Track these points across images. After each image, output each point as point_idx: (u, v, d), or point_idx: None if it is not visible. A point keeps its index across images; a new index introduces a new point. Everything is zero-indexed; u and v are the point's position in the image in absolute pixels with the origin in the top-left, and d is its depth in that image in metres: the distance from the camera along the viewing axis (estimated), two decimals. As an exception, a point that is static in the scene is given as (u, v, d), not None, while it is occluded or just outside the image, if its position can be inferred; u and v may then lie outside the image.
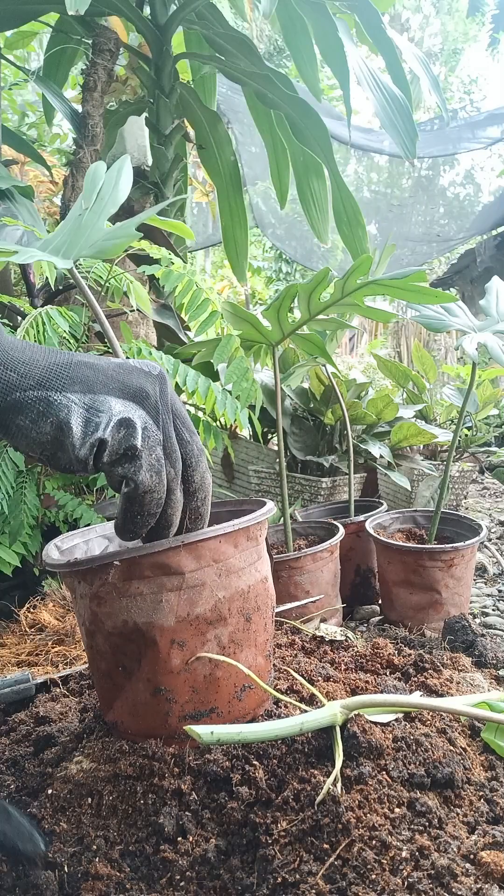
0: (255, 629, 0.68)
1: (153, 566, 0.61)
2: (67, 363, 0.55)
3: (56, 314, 1.25)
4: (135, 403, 0.56)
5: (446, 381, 4.39)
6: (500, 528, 2.58)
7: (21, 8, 1.91)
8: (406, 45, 2.20)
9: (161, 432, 0.57)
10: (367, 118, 7.83)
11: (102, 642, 0.65)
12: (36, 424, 0.53)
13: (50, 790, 0.63)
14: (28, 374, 0.53)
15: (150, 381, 0.57)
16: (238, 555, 0.66)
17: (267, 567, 0.72)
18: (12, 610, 1.26)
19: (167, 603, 0.61)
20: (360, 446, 2.15)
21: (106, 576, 0.61)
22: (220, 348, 1.35)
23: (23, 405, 0.53)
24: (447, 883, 0.50)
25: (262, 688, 0.67)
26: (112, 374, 0.56)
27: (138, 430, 0.55)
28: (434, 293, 1.09)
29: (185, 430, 0.60)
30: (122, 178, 0.82)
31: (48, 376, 0.54)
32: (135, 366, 0.58)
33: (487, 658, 1.04)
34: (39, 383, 0.53)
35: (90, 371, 0.55)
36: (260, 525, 0.69)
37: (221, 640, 0.64)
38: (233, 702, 0.65)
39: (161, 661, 0.62)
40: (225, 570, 0.64)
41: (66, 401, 0.53)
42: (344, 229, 2.20)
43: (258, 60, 1.97)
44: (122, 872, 0.55)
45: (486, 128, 4.43)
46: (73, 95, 2.36)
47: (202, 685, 0.63)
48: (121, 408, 0.55)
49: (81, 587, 0.65)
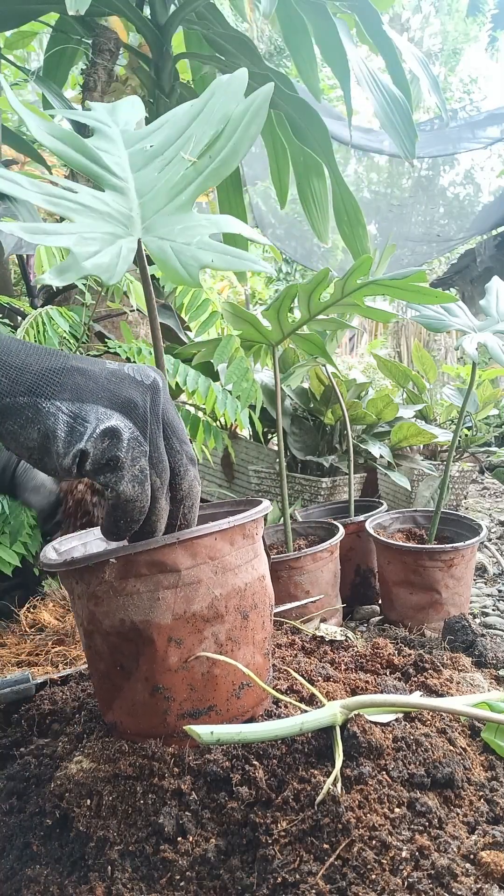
0: (252, 627, 0.68)
1: (149, 564, 0.61)
2: (60, 369, 0.55)
3: (56, 314, 1.25)
4: (122, 414, 0.56)
5: (446, 381, 4.39)
6: (500, 528, 2.58)
7: (21, 8, 1.91)
8: (406, 45, 2.20)
9: (148, 443, 0.57)
10: (367, 118, 7.82)
11: (100, 642, 0.65)
12: (24, 430, 0.54)
13: (49, 790, 0.63)
14: (19, 380, 0.54)
15: (142, 390, 0.58)
16: (234, 552, 0.66)
17: (264, 565, 0.72)
18: (12, 610, 1.26)
19: (164, 601, 0.61)
20: (360, 446, 2.15)
21: (102, 574, 0.61)
22: (221, 348, 1.35)
23: (12, 410, 0.54)
24: (447, 883, 0.50)
25: (260, 686, 0.67)
26: (103, 382, 0.56)
27: (122, 442, 0.55)
28: (434, 293, 1.09)
29: (175, 439, 0.60)
30: (257, 119, 0.65)
31: (39, 383, 0.54)
32: (127, 374, 0.58)
33: (487, 658, 1.04)
34: (30, 389, 0.54)
35: (82, 378, 0.56)
36: (255, 523, 0.69)
37: (219, 637, 0.64)
38: (231, 699, 0.65)
39: (159, 659, 0.62)
40: (221, 567, 0.64)
41: (54, 409, 0.54)
42: (344, 229, 2.20)
43: (258, 60, 1.97)
44: (122, 872, 0.55)
45: (485, 128, 4.43)
46: (73, 95, 2.36)
47: (200, 683, 0.63)
48: (106, 418, 0.55)
49: (79, 587, 0.65)
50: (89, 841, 0.57)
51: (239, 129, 0.66)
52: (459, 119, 4.75)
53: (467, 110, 7.76)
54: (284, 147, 2.26)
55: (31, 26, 2.29)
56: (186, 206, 0.65)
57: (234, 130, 0.66)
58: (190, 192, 0.65)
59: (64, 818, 0.60)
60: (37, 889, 0.56)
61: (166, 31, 1.99)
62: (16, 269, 2.34)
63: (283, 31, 2.12)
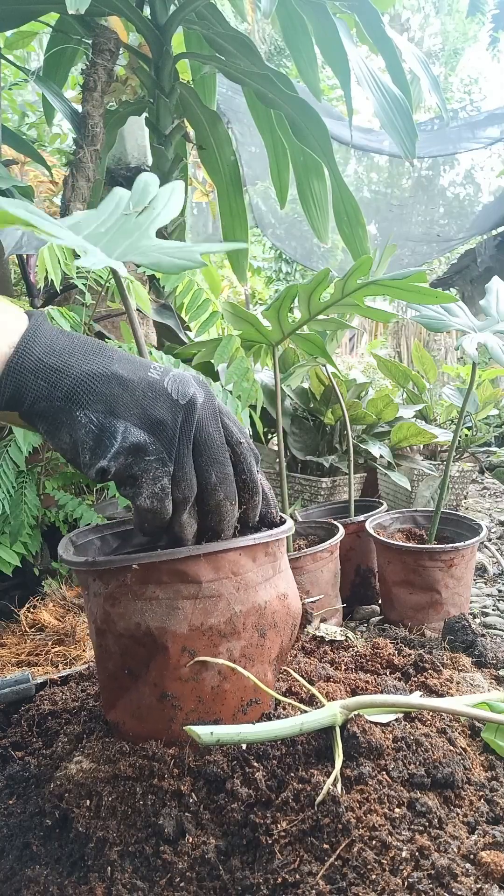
0: (268, 646, 0.67)
1: (171, 572, 0.61)
2: (100, 375, 0.55)
3: (57, 314, 1.25)
4: (149, 433, 0.57)
5: (446, 381, 4.40)
6: (500, 528, 2.58)
7: (21, 8, 1.91)
8: (406, 44, 2.20)
9: (173, 463, 0.58)
10: (367, 118, 7.82)
11: (112, 642, 0.65)
12: (58, 433, 0.56)
13: (49, 790, 0.63)
14: (58, 384, 0.54)
15: (175, 410, 0.57)
16: (256, 569, 0.66)
17: (286, 583, 0.72)
18: (12, 610, 1.26)
19: (182, 610, 0.61)
20: (360, 446, 2.15)
21: (123, 577, 0.62)
22: (221, 348, 1.35)
23: (47, 415, 0.55)
24: (447, 883, 0.50)
25: (268, 703, 0.67)
26: (139, 396, 0.57)
27: (144, 462, 0.56)
28: (434, 293, 1.09)
29: (205, 459, 0.59)
30: (176, 196, 0.79)
31: (76, 389, 0.54)
32: (164, 389, 0.58)
33: (487, 658, 1.04)
34: (66, 395, 0.54)
35: (119, 389, 0.56)
36: (279, 542, 0.69)
37: (233, 653, 0.64)
38: (238, 715, 0.65)
39: (171, 667, 0.62)
40: (243, 584, 0.64)
41: (86, 419, 0.55)
42: (344, 229, 2.20)
43: (258, 60, 1.97)
44: (122, 873, 0.55)
45: (486, 128, 4.43)
46: (73, 95, 2.35)
47: (209, 696, 0.63)
48: (132, 437, 0.56)
49: (96, 585, 0.65)
50: (89, 841, 0.57)
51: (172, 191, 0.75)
52: (460, 119, 4.75)
53: (467, 110, 7.76)
54: (284, 147, 2.26)
55: (31, 26, 2.29)
56: (147, 237, 0.69)
57: (166, 196, 0.75)
58: (146, 229, 0.70)
59: (64, 818, 0.60)
60: (36, 889, 0.56)
61: (166, 31, 1.99)
62: (16, 269, 2.33)
63: (284, 31, 2.12)
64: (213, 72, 2.36)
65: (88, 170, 1.80)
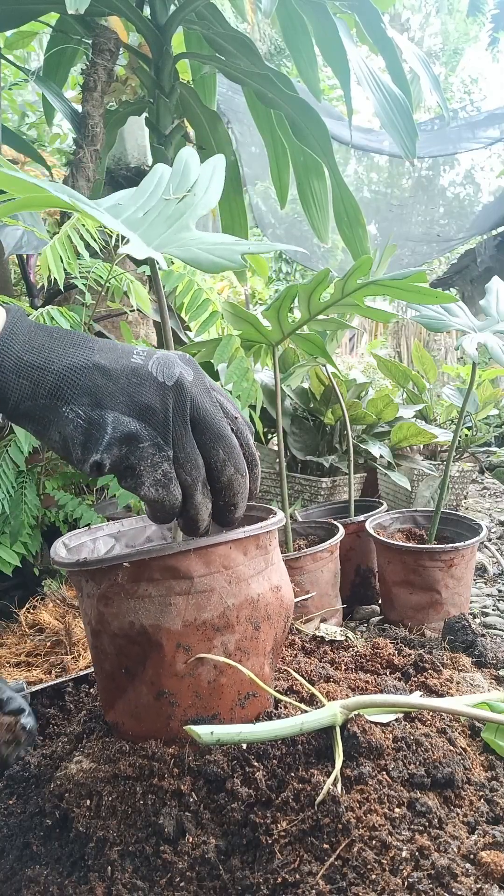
0: (263, 638, 0.67)
1: (162, 569, 0.61)
2: (82, 367, 0.54)
3: (57, 314, 1.25)
4: (140, 420, 0.55)
5: (446, 381, 4.40)
6: (500, 528, 2.58)
7: (21, 8, 1.91)
8: (406, 44, 2.20)
9: (171, 447, 0.56)
10: (367, 118, 7.82)
11: (107, 642, 0.65)
12: (47, 431, 0.54)
13: (49, 790, 0.63)
14: (41, 382, 0.53)
15: (162, 393, 0.56)
16: (247, 562, 0.66)
17: (279, 575, 0.71)
18: (12, 610, 1.26)
19: (175, 606, 0.61)
20: (360, 446, 2.15)
21: (115, 576, 0.61)
22: (221, 348, 1.35)
23: (33, 414, 0.54)
24: (447, 883, 0.50)
25: (265, 696, 0.67)
26: (123, 384, 0.55)
27: (139, 450, 0.55)
28: (434, 293, 1.09)
29: (207, 436, 0.57)
30: (217, 178, 0.72)
31: (60, 385, 0.53)
32: (149, 373, 0.56)
33: (487, 658, 1.04)
34: (51, 392, 0.53)
35: (102, 379, 0.54)
36: (270, 535, 0.69)
37: (228, 647, 0.64)
38: (235, 709, 0.65)
39: (166, 664, 0.62)
40: (235, 577, 0.64)
41: (73, 414, 0.53)
42: (344, 229, 2.20)
43: (258, 60, 1.97)
44: (122, 873, 0.55)
45: (486, 128, 4.43)
46: (73, 95, 2.35)
47: (206, 691, 0.63)
48: (122, 426, 0.54)
49: (88, 586, 0.65)
50: (89, 841, 0.57)
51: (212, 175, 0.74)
52: (460, 119, 4.74)
53: (467, 110, 7.76)
54: (284, 147, 2.26)
55: (31, 26, 2.29)
56: (186, 228, 0.67)
57: (207, 178, 0.72)
58: (186, 218, 0.67)
59: (64, 818, 0.60)
60: (36, 889, 0.56)
61: (166, 31, 1.99)
62: (16, 269, 2.34)
63: (284, 31, 2.12)
64: (213, 72, 2.36)
65: (88, 170, 1.80)
